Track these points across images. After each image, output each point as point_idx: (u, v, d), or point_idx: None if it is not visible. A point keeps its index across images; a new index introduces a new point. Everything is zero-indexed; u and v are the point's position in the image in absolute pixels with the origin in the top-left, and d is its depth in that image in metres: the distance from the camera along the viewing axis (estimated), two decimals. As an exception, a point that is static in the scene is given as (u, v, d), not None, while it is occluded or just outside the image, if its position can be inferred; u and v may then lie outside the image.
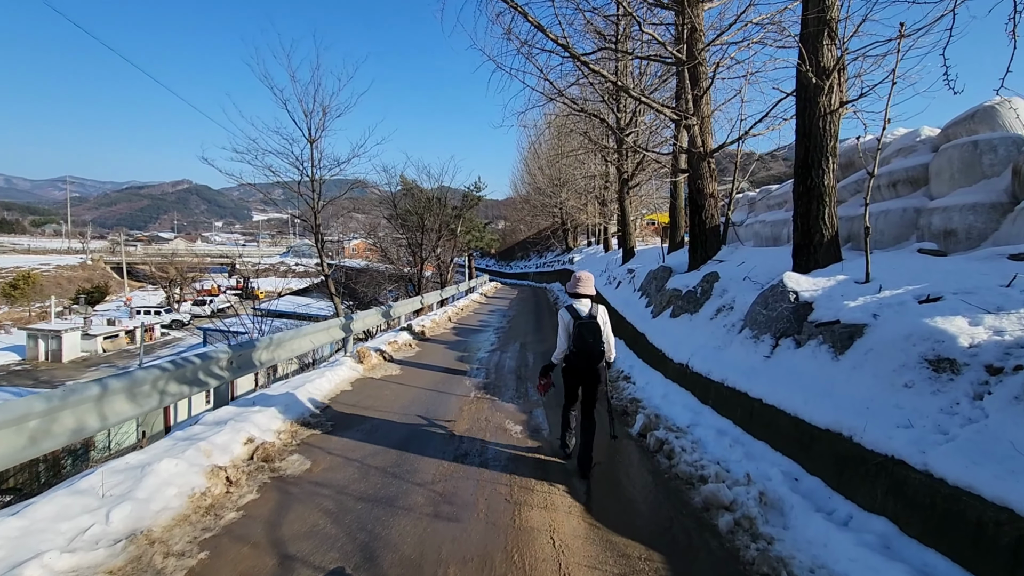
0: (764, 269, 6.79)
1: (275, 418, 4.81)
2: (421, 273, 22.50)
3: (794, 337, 4.73)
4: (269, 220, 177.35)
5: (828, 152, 5.67)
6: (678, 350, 6.60)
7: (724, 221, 8.70)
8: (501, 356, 9.76)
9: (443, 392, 6.76)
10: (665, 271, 9.32)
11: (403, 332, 11.16)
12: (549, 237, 51.35)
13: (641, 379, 7.15)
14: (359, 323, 9.64)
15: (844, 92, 5.77)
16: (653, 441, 4.81)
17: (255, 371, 5.72)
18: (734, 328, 5.86)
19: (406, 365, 8.44)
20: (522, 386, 7.38)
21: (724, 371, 5.27)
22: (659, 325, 7.89)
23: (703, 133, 8.48)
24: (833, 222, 5.75)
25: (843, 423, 3.45)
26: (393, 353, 9.14)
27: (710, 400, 5.38)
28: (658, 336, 7.55)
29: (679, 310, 7.50)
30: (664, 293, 8.38)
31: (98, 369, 33.14)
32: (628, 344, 8.98)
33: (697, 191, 8.57)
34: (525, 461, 4.43)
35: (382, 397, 6.31)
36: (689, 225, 8.82)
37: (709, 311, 6.71)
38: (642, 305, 9.43)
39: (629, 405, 6.24)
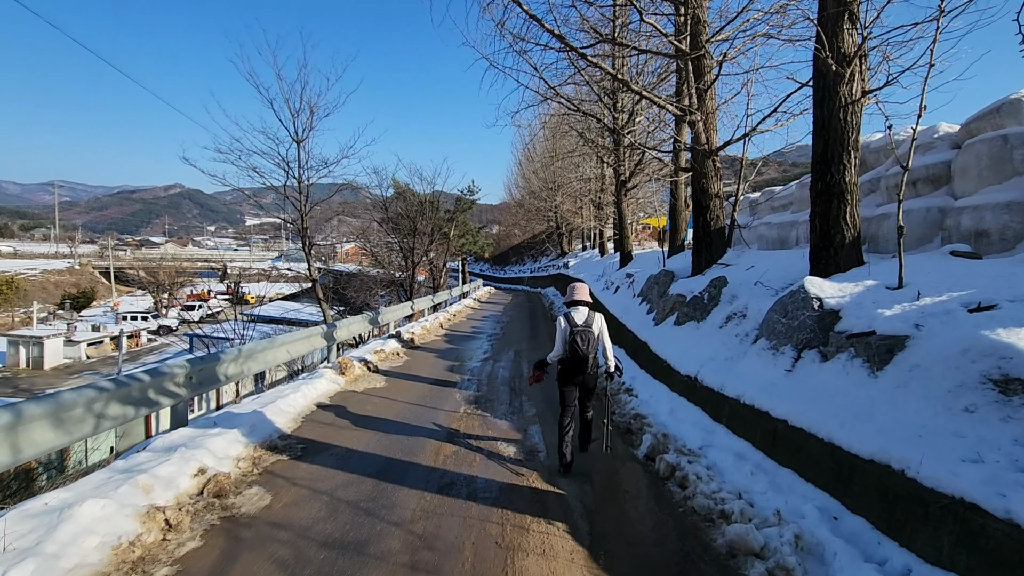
0: (777, 274, 6.30)
1: (236, 442, 4.25)
2: (413, 278, 21.94)
3: (819, 349, 4.23)
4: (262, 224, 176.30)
5: (849, 146, 5.20)
6: (685, 361, 6.09)
7: (729, 223, 8.24)
8: (494, 366, 9.22)
9: (430, 407, 6.21)
10: (667, 276, 8.83)
11: (391, 340, 10.60)
12: (543, 241, 50.86)
13: (644, 392, 6.64)
14: (343, 331, 9.08)
15: (866, 81, 5.31)
16: (663, 466, 4.28)
17: (220, 386, 5.16)
18: (748, 338, 5.36)
19: (392, 376, 7.88)
20: (516, 400, 6.85)
21: (739, 386, 4.76)
22: (662, 333, 7.39)
23: (708, 129, 8.01)
24: (855, 222, 5.28)
25: (891, 453, 2.94)
26: (379, 363, 8.58)
27: (724, 418, 4.87)
28: (662, 345, 7.04)
29: (684, 317, 7.00)
30: (667, 299, 7.88)
31: (81, 376, 32.26)
32: (629, 353, 8.47)
33: (701, 191, 8.09)
34: (519, 492, 3.89)
35: (363, 414, 5.74)
36: (693, 227, 8.35)
37: (718, 319, 6.21)
38: (643, 312, 8.93)
39: (633, 422, 5.72)
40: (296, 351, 7.01)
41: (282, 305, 43.58)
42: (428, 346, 11.28)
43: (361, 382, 7.27)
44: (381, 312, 11.71)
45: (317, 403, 5.98)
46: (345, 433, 5.06)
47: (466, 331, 14.19)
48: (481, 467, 4.35)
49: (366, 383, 7.25)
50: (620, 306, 10.34)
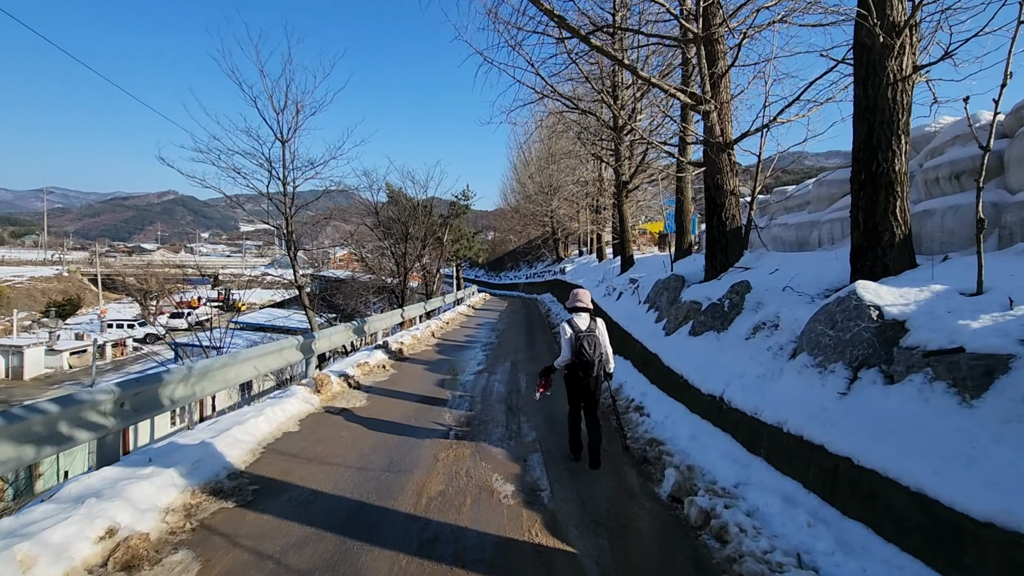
0: (808, 278, 5.58)
1: (170, 486, 3.45)
2: (405, 284, 21.14)
3: (880, 368, 3.49)
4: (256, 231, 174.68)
5: (899, 129, 4.49)
6: (707, 377, 5.33)
7: (746, 223, 7.53)
8: (489, 379, 8.43)
9: (415, 433, 5.42)
10: (677, 280, 8.10)
11: (378, 351, 9.79)
12: (539, 247, 50.21)
13: (658, 411, 5.88)
14: (323, 342, 8.27)
15: (916, 55, 4.61)
16: (695, 512, 3.51)
17: (162, 412, 4.35)
18: (783, 352, 4.62)
19: (375, 393, 7.08)
20: (514, 420, 6.07)
21: (779, 410, 4.01)
22: (676, 345, 6.63)
23: (722, 120, 7.31)
24: (906, 217, 4.55)
25: (1022, 516, 2.19)
26: (361, 378, 7.77)
27: (761, 449, 4.11)
28: (676, 358, 6.28)
29: (701, 327, 6.25)
30: (679, 306, 7.13)
31: (62, 387, 31.18)
32: (637, 366, 7.71)
33: (716, 187, 7.38)
34: (520, 552, 3.10)
35: (334, 443, 4.94)
36: (707, 227, 7.62)
37: (743, 329, 5.46)
38: (651, 320, 8.18)
39: (649, 448, 4.95)
40: (265, 367, 6.21)
41: (272, 312, 42.62)
42: (418, 357, 10.48)
43: (339, 401, 6.46)
44: (367, 321, 10.91)
45: (283, 429, 5.17)
46: (311, 468, 4.26)
47: (459, 340, 13.40)
48: (472, 514, 3.56)
49: (345, 402, 6.45)
50: (624, 314, 9.59)
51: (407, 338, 11.76)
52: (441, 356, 10.80)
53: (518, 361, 10.36)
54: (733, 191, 7.36)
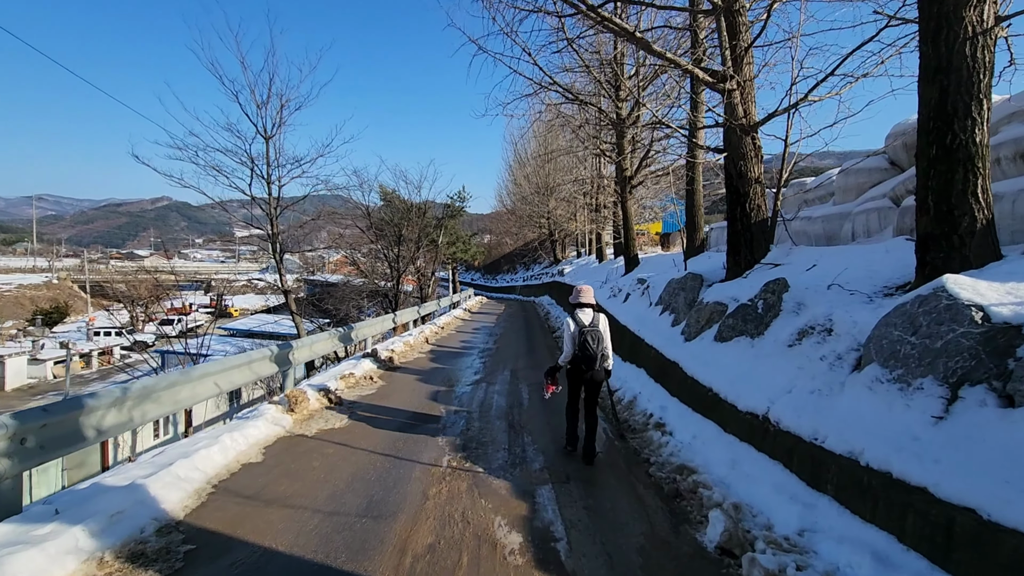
0: (858, 274, 4.81)
1: (69, 552, 2.63)
2: (398, 288, 20.32)
3: (990, 386, 2.71)
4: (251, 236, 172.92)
5: (981, 92, 3.72)
6: (743, 391, 4.54)
7: (771, 215, 6.76)
8: (487, 391, 7.63)
9: (401, 459, 4.60)
10: (695, 280, 7.32)
11: (366, 360, 8.97)
12: (536, 248, 49.49)
13: (683, 430, 5.09)
14: (303, 351, 7.45)
15: (997, 3, 3.86)
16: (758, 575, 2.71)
17: (85, 446, 3.53)
18: (842, 363, 3.83)
19: (359, 411, 6.25)
20: (517, 441, 5.26)
21: (849, 436, 3.22)
22: (699, 352, 5.84)
23: (745, 100, 6.55)
24: (988, 199, 3.78)
25: None
26: (345, 392, 6.95)
27: (828, 485, 3.31)
28: (701, 368, 5.49)
29: (730, 331, 5.46)
30: (701, 309, 6.34)
31: (45, 397, 30.16)
32: (653, 375, 6.91)
33: (738, 175, 6.61)
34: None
35: (304, 477, 4.12)
36: (728, 220, 6.85)
37: (784, 334, 4.68)
38: (666, 323, 7.40)
39: (680, 477, 4.16)
40: (229, 382, 5.38)
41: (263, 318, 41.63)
42: (410, 366, 9.66)
43: (315, 421, 5.64)
44: (355, 327, 10.08)
45: (244, 459, 4.34)
46: (269, 514, 3.44)
47: (455, 346, 12.58)
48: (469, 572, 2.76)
49: (322, 422, 5.62)
50: (634, 316, 8.81)
51: (399, 345, 10.94)
52: (435, 364, 9.98)
53: (518, 369, 9.56)
54: (758, 179, 6.59)
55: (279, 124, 14.30)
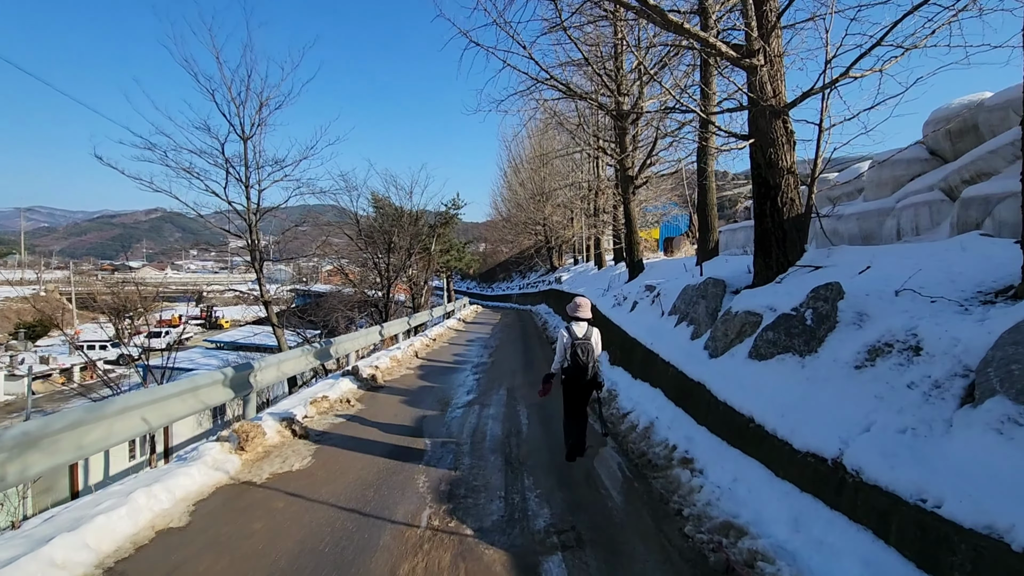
0: (934, 276, 3.90)
1: None
2: (388, 297, 19.34)
3: None
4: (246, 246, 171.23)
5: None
6: (799, 425, 3.61)
7: (806, 210, 5.86)
8: (480, 415, 6.67)
9: (369, 516, 3.63)
10: (716, 286, 6.41)
11: (345, 379, 8.00)
12: (532, 256, 48.61)
13: (718, 469, 4.15)
14: (269, 372, 6.48)
15: None
16: None
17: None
18: (942, 392, 2.91)
19: (327, 445, 5.28)
20: (515, 485, 4.31)
21: (985, 501, 2.28)
22: (731, 371, 4.90)
23: (774, 79, 5.68)
24: None
25: None
26: (314, 420, 5.98)
27: (955, 572, 2.37)
28: (736, 391, 4.56)
29: (770, 347, 4.54)
30: (729, 319, 5.41)
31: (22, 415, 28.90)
32: (673, 397, 5.96)
33: (767, 164, 5.72)
34: None
35: (236, 548, 3.15)
36: (755, 216, 5.94)
37: (846, 352, 3.75)
38: (684, 336, 6.46)
39: (727, 541, 3.21)
40: (165, 415, 4.41)
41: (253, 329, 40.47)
42: (395, 385, 8.68)
43: (270, 462, 4.66)
44: (335, 342, 9.11)
45: (162, 523, 3.36)
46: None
47: (447, 360, 11.61)
48: None
49: (279, 462, 4.64)
50: (645, 328, 7.88)
51: (384, 361, 9.97)
52: (424, 382, 9.01)
53: (515, 387, 8.60)
54: (791, 168, 5.70)
55: (258, 124, 13.41)
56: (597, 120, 15.72)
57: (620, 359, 8.66)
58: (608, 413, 6.83)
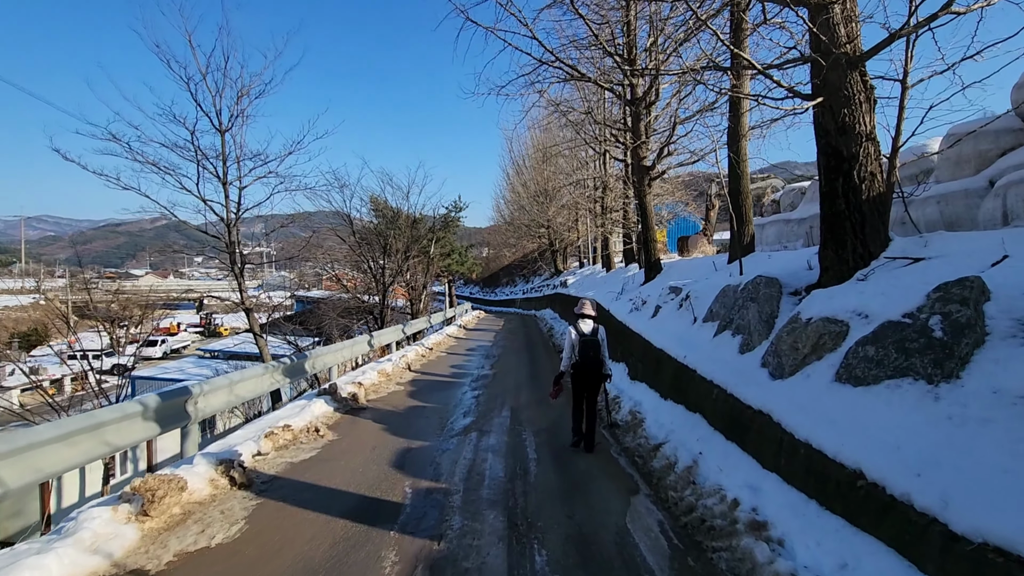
0: None
1: None
2: (384, 304, 18.13)
3: None
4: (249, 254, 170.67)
5: None
6: (952, 493, 2.33)
7: (887, 188, 4.60)
8: (478, 447, 5.43)
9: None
10: (770, 286, 5.14)
11: (319, 400, 6.77)
12: (536, 260, 47.39)
13: (810, 543, 2.93)
14: (216, 397, 5.25)
15: None
16: None
17: None
18: None
19: (275, 496, 4.04)
20: (523, 563, 3.06)
21: None
22: (811, 399, 3.63)
23: (848, 20, 4.44)
24: None
25: None
26: (267, 460, 4.74)
27: None
28: (827, 430, 3.28)
29: (874, 368, 3.27)
30: (799, 329, 4.14)
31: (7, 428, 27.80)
32: (720, 426, 4.68)
33: (840, 130, 4.47)
34: None
35: None
36: (824, 196, 4.67)
37: (1015, 379, 2.50)
38: (729, 349, 5.19)
39: None
40: (28, 473, 3.17)
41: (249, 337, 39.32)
42: (379, 405, 7.44)
43: (184, 531, 3.41)
44: (312, 356, 7.89)
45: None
46: None
47: (443, 373, 10.36)
48: None
49: (195, 532, 3.39)
50: (673, 337, 6.61)
51: (370, 376, 8.73)
52: (414, 401, 7.76)
53: (520, 406, 7.36)
54: (871, 134, 4.45)
55: (238, 115, 12.27)
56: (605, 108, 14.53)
57: (642, 373, 7.39)
58: (635, 443, 5.58)
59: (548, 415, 6.83)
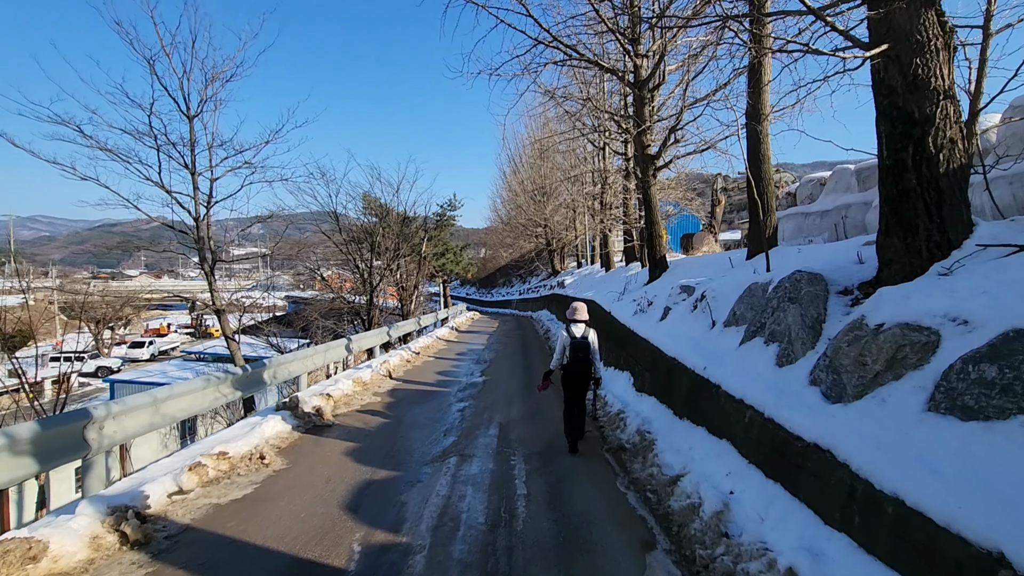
0: None
1: None
2: (371, 304, 17.15)
3: None
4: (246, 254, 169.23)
5: None
6: None
7: (961, 164, 3.65)
8: (456, 479, 4.46)
9: None
10: (813, 284, 4.17)
11: (274, 417, 5.80)
12: (533, 260, 46.41)
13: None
14: (133, 420, 4.27)
15: None
16: None
17: None
18: None
19: (173, 566, 3.06)
20: None
21: None
22: (897, 435, 2.66)
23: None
24: None
25: None
26: (186, 502, 3.77)
27: None
28: (932, 486, 2.30)
29: (995, 397, 2.32)
30: (866, 338, 3.17)
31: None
32: (758, 460, 3.70)
33: (908, 86, 3.52)
34: None
35: None
36: (886, 169, 3.71)
37: None
38: (762, 360, 4.22)
39: None
40: None
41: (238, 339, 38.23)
42: (347, 422, 6.47)
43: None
44: (270, 364, 6.90)
45: None
46: None
47: (428, 381, 9.38)
48: None
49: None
50: (687, 343, 5.64)
51: (343, 386, 7.76)
52: (387, 417, 6.78)
53: (511, 422, 6.41)
54: (949, 91, 3.50)
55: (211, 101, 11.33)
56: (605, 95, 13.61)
57: (651, 385, 6.43)
58: (645, 473, 4.65)
59: (542, 433, 5.88)
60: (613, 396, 7.05)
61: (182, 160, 11.13)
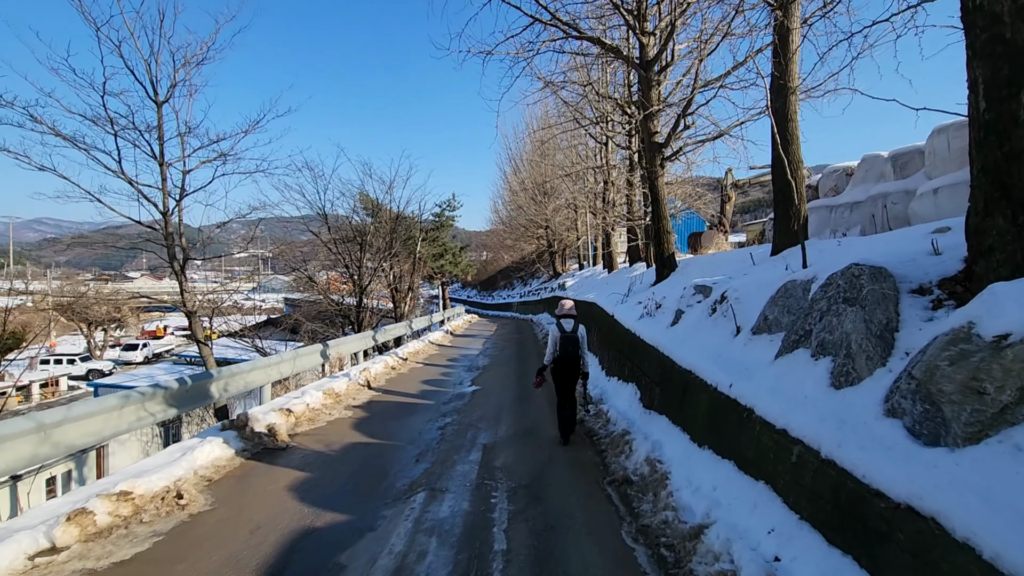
0: None
1: None
2: (360, 306, 16.23)
3: None
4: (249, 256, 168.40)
5: None
6: None
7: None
8: (418, 525, 3.50)
9: None
10: (879, 280, 3.23)
11: (214, 440, 4.87)
12: (534, 262, 45.50)
13: None
14: (16, 450, 3.35)
15: None
16: None
17: None
18: None
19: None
20: None
21: None
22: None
23: None
24: None
25: None
26: (50, 568, 2.84)
27: None
28: None
29: None
30: (979, 357, 2.25)
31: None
32: (810, 512, 2.76)
33: (1020, 12, 2.58)
34: None
35: None
36: (987, 126, 2.79)
37: None
38: (810, 377, 3.28)
39: None
40: None
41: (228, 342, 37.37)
42: (306, 443, 5.53)
43: None
44: (221, 375, 5.97)
45: None
46: None
47: (410, 392, 8.44)
48: None
49: None
50: (706, 353, 4.70)
51: (311, 398, 6.83)
52: (355, 437, 5.84)
53: (497, 445, 5.46)
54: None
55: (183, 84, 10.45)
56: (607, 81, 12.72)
57: (661, 402, 5.49)
58: (657, 519, 3.70)
59: (533, 458, 4.95)
60: (616, 412, 6.11)
61: (150, 149, 10.26)
